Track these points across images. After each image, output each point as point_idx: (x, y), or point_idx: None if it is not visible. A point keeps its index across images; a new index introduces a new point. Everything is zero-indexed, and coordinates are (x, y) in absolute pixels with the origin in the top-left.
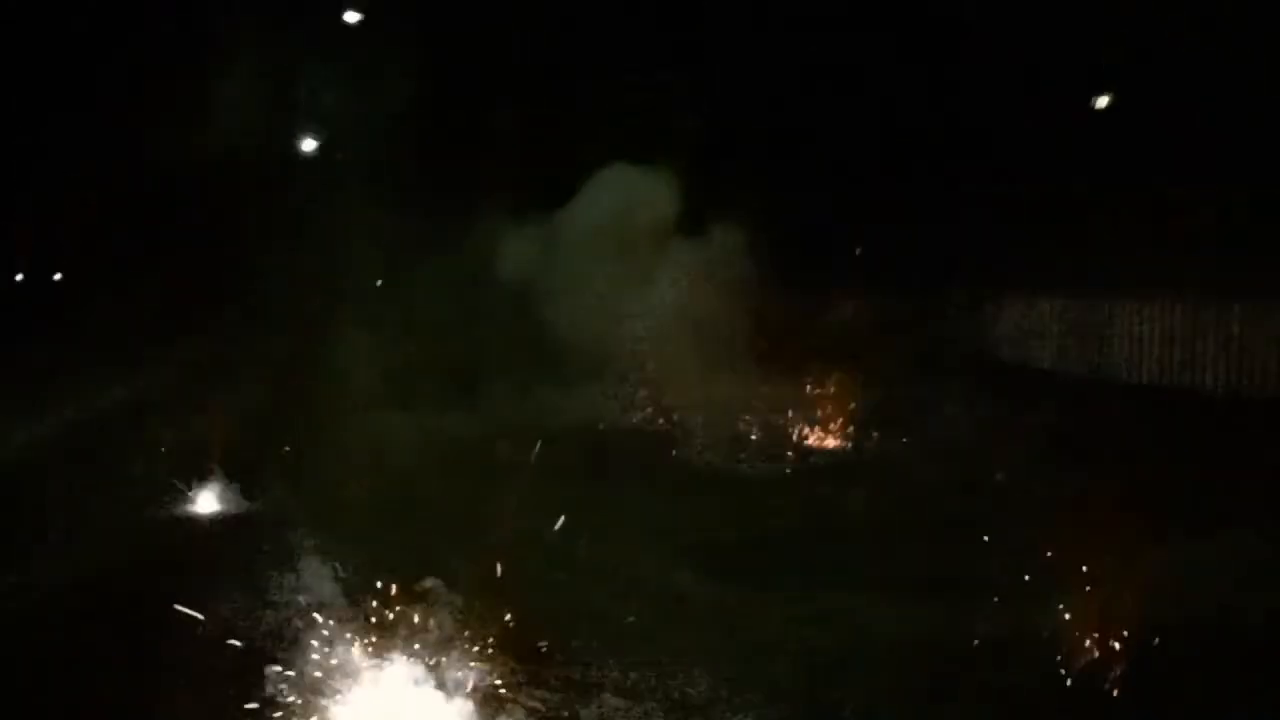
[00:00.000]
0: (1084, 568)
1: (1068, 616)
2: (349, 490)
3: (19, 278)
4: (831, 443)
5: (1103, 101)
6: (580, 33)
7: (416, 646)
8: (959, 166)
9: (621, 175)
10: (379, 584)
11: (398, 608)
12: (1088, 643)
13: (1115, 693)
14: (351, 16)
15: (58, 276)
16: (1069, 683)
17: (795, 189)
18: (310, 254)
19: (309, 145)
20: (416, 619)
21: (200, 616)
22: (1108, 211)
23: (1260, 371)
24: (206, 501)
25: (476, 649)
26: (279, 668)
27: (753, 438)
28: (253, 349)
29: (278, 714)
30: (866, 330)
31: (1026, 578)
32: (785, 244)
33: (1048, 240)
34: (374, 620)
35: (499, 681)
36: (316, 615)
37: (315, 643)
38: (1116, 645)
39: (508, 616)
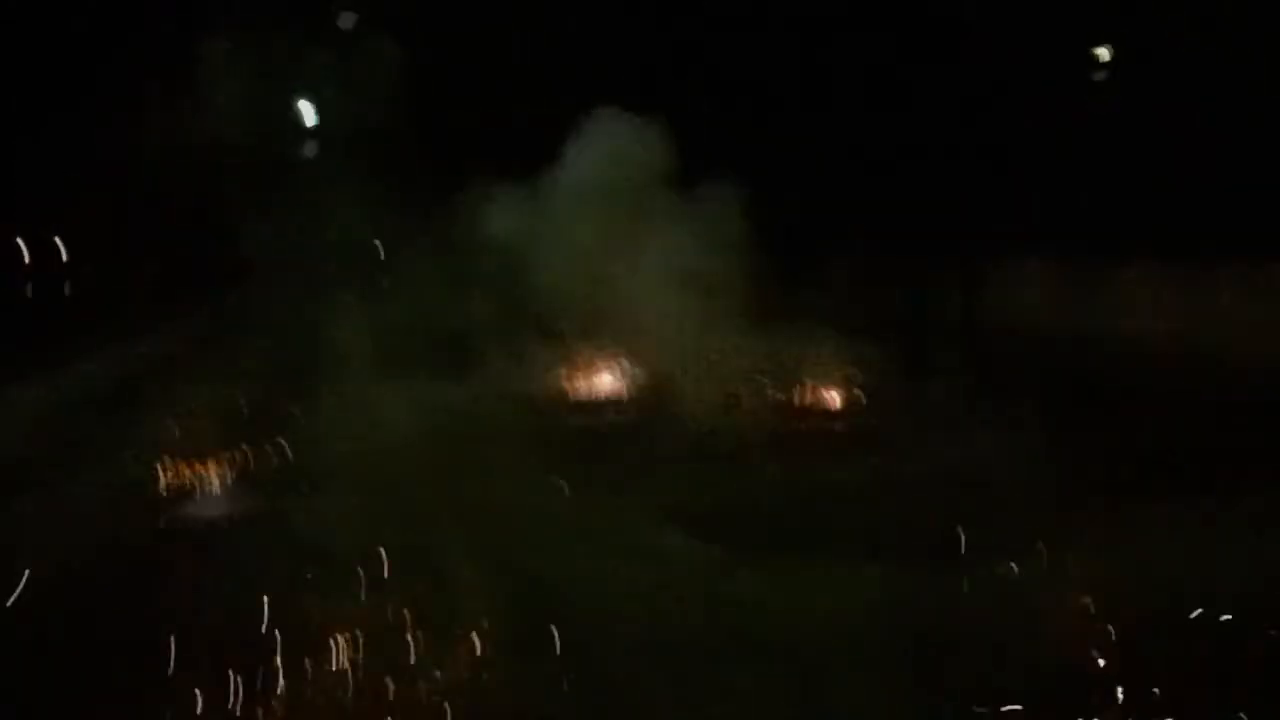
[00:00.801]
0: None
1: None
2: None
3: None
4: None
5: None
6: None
7: None
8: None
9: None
10: None
11: None
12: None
13: (1104, 674)
14: None
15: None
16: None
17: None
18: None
19: (296, 119)
20: None
21: None
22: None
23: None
24: None
25: None
26: None
27: (743, 409)
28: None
29: None
30: (864, 307)
31: (1016, 563)
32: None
33: (1045, 215)
34: None
35: None
36: None
37: None
38: (1106, 623)
39: None
